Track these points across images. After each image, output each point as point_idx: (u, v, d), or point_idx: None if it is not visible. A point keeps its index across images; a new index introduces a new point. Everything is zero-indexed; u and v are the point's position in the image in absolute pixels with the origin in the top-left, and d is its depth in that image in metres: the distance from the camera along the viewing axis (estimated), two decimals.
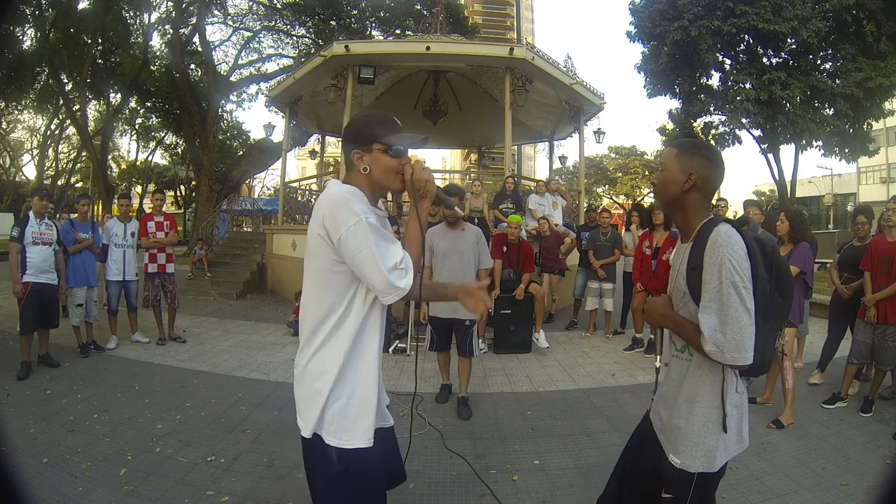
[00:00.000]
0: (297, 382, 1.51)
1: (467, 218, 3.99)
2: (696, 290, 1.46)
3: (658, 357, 1.69)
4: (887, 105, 16.44)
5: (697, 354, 1.50)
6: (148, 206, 21.41)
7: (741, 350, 1.36)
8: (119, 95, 22.01)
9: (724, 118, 17.73)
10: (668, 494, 1.59)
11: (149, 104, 22.62)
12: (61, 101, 21.14)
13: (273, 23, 19.96)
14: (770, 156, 18.28)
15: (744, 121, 16.88)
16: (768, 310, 1.44)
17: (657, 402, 1.70)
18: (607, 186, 39.07)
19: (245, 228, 18.67)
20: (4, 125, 28.55)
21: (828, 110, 16.27)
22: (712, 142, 19.19)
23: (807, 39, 14.98)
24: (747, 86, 16.35)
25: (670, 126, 22.01)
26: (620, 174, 37.15)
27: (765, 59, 16.97)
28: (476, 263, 3.93)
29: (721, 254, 1.39)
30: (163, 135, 27.63)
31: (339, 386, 1.43)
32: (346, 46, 8.19)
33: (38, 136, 31.03)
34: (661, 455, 1.61)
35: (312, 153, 17.99)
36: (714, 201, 6.30)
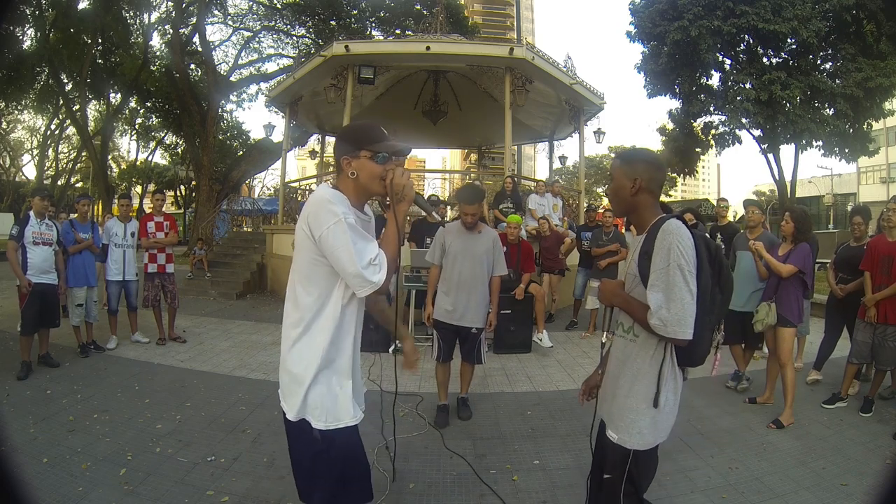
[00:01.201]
0: (281, 368, 1.62)
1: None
2: (645, 272, 1.60)
3: (605, 334, 1.86)
4: (887, 105, 16.46)
5: (642, 336, 1.64)
6: (148, 206, 21.38)
7: (682, 325, 1.51)
8: (119, 95, 22.03)
9: (724, 118, 17.75)
10: (608, 475, 1.71)
11: (149, 104, 22.65)
12: (61, 101, 21.15)
13: (273, 23, 19.97)
14: (770, 156, 18.29)
15: (744, 121, 16.89)
16: (707, 302, 1.58)
17: (603, 383, 1.83)
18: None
19: (245, 228, 18.70)
20: (4, 125, 28.55)
21: (828, 110, 16.28)
22: (712, 142, 19.25)
23: (807, 39, 14.98)
24: (747, 86, 16.36)
25: (670, 126, 22.01)
26: None
27: (765, 59, 16.98)
28: (490, 269, 3.70)
29: (670, 240, 1.54)
30: (163, 135, 27.65)
31: (321, 372, 1.54)
32: (346, 46, 8.19)
33: (38, 136, 31.06)
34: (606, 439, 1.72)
35: (312, 153, 18.01)
36: (715, 202, 6.31)
